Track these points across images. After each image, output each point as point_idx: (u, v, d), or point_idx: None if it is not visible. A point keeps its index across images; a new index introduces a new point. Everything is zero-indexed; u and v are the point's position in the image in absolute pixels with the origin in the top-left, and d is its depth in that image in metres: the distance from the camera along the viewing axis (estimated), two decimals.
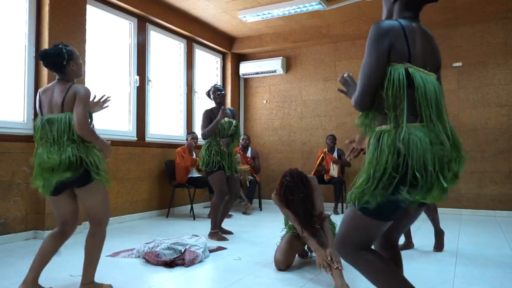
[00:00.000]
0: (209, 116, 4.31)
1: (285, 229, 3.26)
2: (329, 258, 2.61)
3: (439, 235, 3.63)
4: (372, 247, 1.65)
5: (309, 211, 2.93)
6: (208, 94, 4.53)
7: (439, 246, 3.60)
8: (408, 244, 3.67)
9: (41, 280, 2.42)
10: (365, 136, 1.68)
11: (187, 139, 5.86)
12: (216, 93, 4.37)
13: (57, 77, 2.44)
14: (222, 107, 4.30)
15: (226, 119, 4.33)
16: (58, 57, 2.36)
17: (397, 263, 1.78)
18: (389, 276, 1.55)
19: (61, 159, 2.25)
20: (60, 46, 2.41)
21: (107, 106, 2.70)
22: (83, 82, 4.49)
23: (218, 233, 4.13)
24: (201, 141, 5.33)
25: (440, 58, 1.68)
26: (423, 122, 1.49)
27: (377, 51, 1.50)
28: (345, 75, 1.79)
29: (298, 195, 2.93)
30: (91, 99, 2.54)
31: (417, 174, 1.42)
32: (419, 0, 1.62)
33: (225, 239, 4.06)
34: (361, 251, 1.58)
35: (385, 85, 1.50)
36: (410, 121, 1.49)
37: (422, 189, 1.45)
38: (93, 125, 2.44)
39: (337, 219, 3.40)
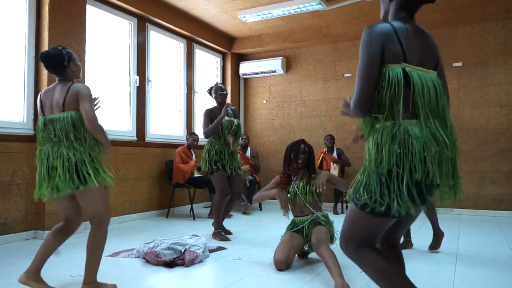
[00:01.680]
0: (210, 115, 4.29)
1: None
2: None
3: (437, 236, 3.62)
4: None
5: (310, 163, 3.32)
6: (209, 92, 4.52)
7: (435, 245, 3.59)
8: (407, 244, 3.67)
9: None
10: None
11: (187, 139, 5.85)
12: (218, 93, 4.36)
13: (57, 78, 2.46)
14: (226, 104, 4.28)
15: (227, 118, 4.31)
16: (59, 59, 2.40)
17: (399, 263, 1.78)
18: (391, 274, 1.56)
19: (63, 163, 2.27)
20: (59, 48, 2.44)
21: (99, 107, 2.69)
22: (83, 83, 4.49)
23: (221, 233, 4.12)
24: (202, 141, 5.35)
25: (438, 54, 1.68)
26: (419, 120, 1.50)
27: (369, 54, 1.52)
28: (346, 100, 1.78)
29: (302, 149, 3.29)
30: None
31: (417, 169, 1.44)
32: (414, 1, 1.63)
33: (227, 239, 4.05)
34: (364, 248, 1.59)
35: (382, 86, 1.52)
36: (407, 119, 1.51)
37: (422, 187, 1.47)
38: None
39: (337, 219, 3.41)
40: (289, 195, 3.25)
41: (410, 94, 1.51)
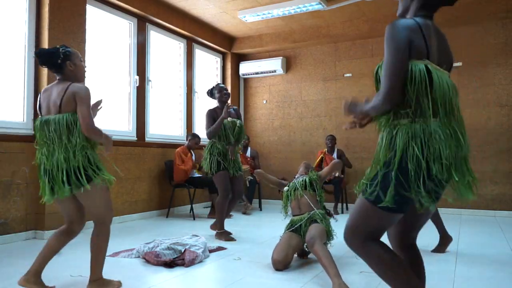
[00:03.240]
0: (212, 115, 4.27)
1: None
2: None
3: (445, 240, 3.57)
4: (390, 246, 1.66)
5: None
6: (210, 93, 4.49)
7: (440, 249, 3.56)
8: None
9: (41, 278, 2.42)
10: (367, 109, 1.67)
11: (188, 140, 5.84)
12: (223, 92, 4.35)
13: (57, 77, 2.44)
14: (227, 104, 4.27)
15: (230, 118, 4.28)
16: (53, 56, 2.36)
17: (417, 264, 1.76)
18: (395, 268, 1.55)
19: (58, 165, 2.27)
20: (58, 46, 2.42)
21: (101, 107, 2.69)
22: (82, 83, 4.49)
23: (225, 233, 4.12)
24: (204, 141, 5.34)
25: (452, 57, 1.69)
26: (438, 118, 1.52)
27: (398, 46, 1.50)
28: (347, 102, 1.74)
29: None
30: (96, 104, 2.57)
31: (433, 167, 1.46)
32: (437, 1, 1.64)
33: (233, 239, 4.04)
34: (370, 241, 1.59)
35: (407, 81, 1.52)
36: (426, 116, 1.51)
37: (437, 183, 1.49)
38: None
39: (337, 219, 3.40)
40: (286, 187, 3.35)
41: (430, 92, 1.51)
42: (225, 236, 4.07)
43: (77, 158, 2.28)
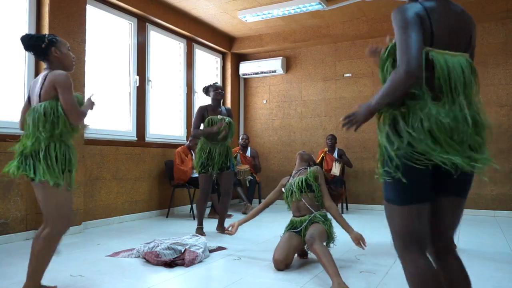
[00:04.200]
0: (201, 113, 4.44)
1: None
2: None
3: None
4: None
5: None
6: (206, 90, 4.59)
7: None
8: None
9: (41, 280, 2.42)
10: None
11: (189, 140, 5.84)
12: (218, 91, 4.48)
13: (44, 66, 2.37)
14: (219, 122, 4.34)
15: (219, 116, 4.40)
16: (36, 40, 2.28)
17: (457, 275, 1.60)
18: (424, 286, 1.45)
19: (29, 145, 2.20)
20: (45, 34, 2.36)
21: (94, 104, 2.59)
22: (83, 83, 4.50)
23: (201, 229, 4.34)
24: None
25: (471, 33, 1.60)
26: (442, 103, 1.47)
27: (408, 19, 1.46)
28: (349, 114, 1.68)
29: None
30: (85, 101, 2.45)
31: (437, 152, 1.42)
32: None
33: (203, 234, 4.23)
34: (412, 251, 1.49)
35: None
36: (429, 102, 1.47)
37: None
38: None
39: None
40: (283, 188, 3.33)
41: (434, 79, 1.47)
42: (199, 232, 4.28)
43: (34, 146, 2.18)
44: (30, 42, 2.30)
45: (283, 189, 3.39)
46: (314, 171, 3.28)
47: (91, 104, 2.42)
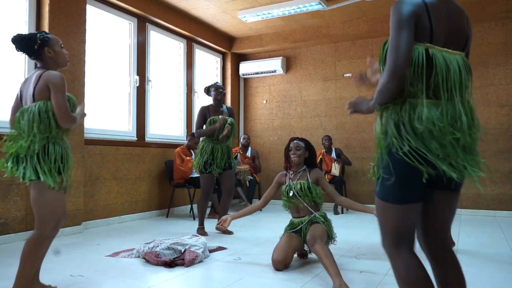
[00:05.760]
0: (204, 113, 4.44)
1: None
2: None
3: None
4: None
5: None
6: (207, 90, 4.60)
7: None
8: None
9: (41, 280, 2.42)
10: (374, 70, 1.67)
11: (188, 139, 5.83)
12: (219, 91, 4.48)
13: (37, 65, 2.33)
14: (221, 115, 4.36)
15: (221, 116, 4.40)
16: (28, 41, 2.24)
17: (452, 272, 1.59)
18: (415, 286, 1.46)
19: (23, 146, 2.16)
20: (36, 32, 2.31)
21: (86, 115, 2.53)
22: (82, 83, 4.50)
23: (202, 229, 4.37)
24: None
25: (467, 33, 1.59)
26: (438, 102, 1.46)
27: (401, 19, 1.45)
28: (351, 101, 1.72)
29: (295, 145, 3.29)
30: (78, 109, 2.41)
31: (431, 150, 1.42)
32: None
33: (205, 234, 4.23)
34: (402, 249, 1.50)
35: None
36: (425, 100, 1.46)
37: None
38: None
39: (338, 219, 3.40)
40: (283, 191, 3.29)
41: (432, 76, 1.46)
42: (201, 232, 4.30)
43: (30, 147, 2.14)
44: (22, 44, 2.25)
45: (283, 191, 3.35)
46: (315, 177, 3.27)
47: (82, 115, 2.40)
